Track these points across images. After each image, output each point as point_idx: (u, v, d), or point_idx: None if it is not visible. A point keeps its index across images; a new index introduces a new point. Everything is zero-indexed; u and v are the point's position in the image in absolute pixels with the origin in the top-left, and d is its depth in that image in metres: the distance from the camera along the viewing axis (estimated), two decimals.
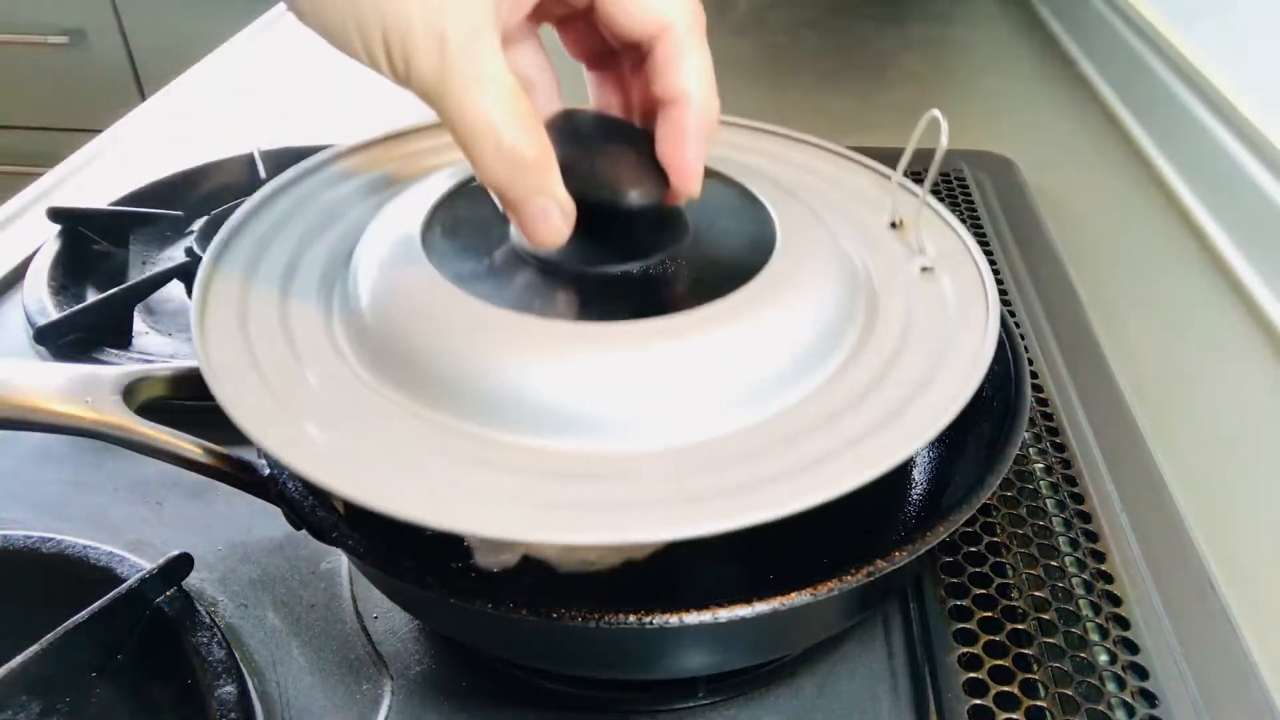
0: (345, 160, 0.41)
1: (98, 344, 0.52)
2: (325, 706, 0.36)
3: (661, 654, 0.32)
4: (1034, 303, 0.56)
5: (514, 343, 0.29)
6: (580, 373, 0.29)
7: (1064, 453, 0.45)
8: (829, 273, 0.33)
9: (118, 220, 0.62)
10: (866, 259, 0.36)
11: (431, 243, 0.33)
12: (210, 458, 0.36)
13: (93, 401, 0.36)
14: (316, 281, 0.35)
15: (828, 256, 0.34)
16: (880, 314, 0.34)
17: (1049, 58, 0.94)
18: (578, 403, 0.29)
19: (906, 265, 0.36)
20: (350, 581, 0.40)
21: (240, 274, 0.35)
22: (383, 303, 0.32)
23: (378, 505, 0.26)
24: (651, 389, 0.29)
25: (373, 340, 0.32)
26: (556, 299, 0.32)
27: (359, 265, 0.34)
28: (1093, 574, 0.39)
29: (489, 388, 0.29)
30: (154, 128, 0.82)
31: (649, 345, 0.29)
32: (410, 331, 0.31)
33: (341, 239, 0.37)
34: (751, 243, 0.33)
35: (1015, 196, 0.67)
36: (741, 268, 0.32)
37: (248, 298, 0.34)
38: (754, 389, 0.30)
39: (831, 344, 0.32)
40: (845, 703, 0.35)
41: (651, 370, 0.29)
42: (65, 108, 1.58)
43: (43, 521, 0.43)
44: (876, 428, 0.29)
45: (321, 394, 0.30)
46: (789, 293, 0.31)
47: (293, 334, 0.32)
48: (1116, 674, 0.35)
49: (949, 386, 0.30)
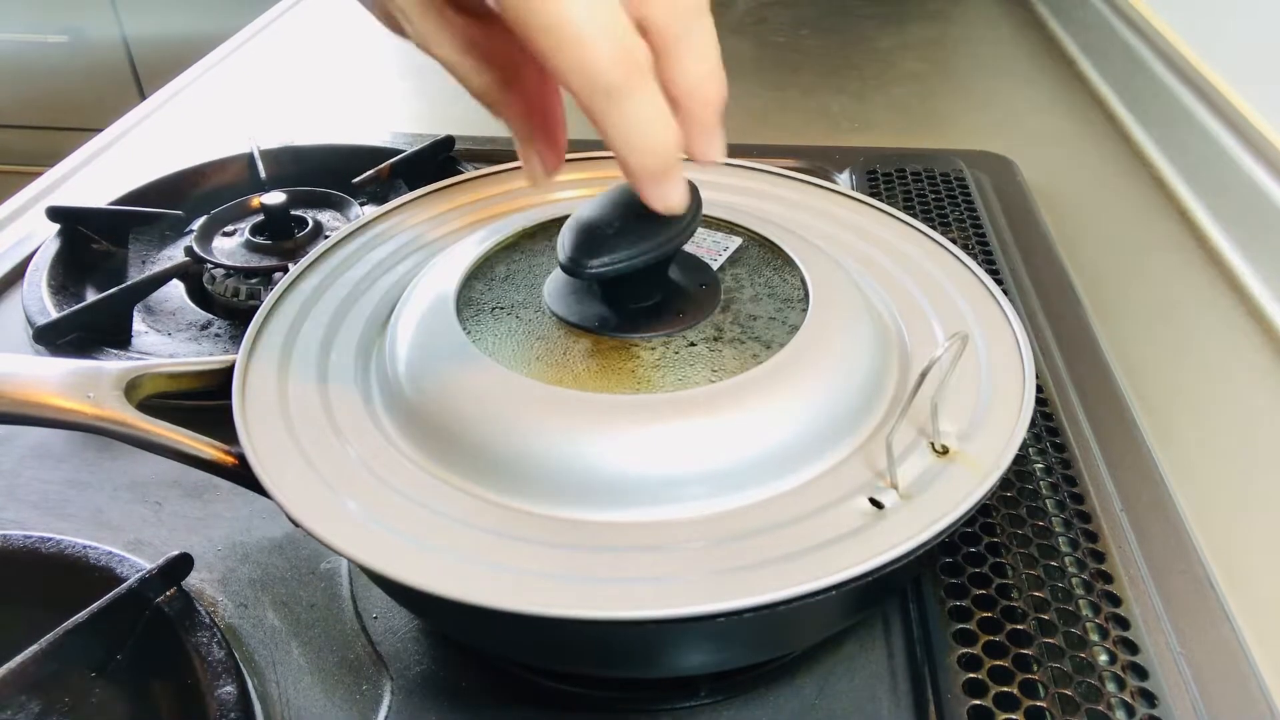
0: (381, 223, 0.42)
1: (97, 343, 0.52)
2: (325, 706, 0.36)
3: (661, 653, 0.32)
4: (1034, 303, 0.56)
5: (552, 419, 0.30)
6: (617, 447, 0.29)
7: (1064, 453, 0.45)
8: (861, 340, 0.33)
9: (117, 219, 0.62)
10: (900, 324, 0.37)
11: (466, 312, 0.34)
12: (211, 454, 0.36)
13: (94, 397, 0.36)
14: (354, 351, 0.36)
15: (860, 322, 0.34)
16: (912, 373, 0.34)
17: (1049, 58, 0.94)
18: (610, 475, 0.29)
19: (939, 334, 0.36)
20: (350, 581, 0.40)
21: (279, 348, 0.36)
22: (418, 377, 0.33)
23: (424, 586, 0.27)
24: (688, 460, 0.29)
25: (410, 413, 0.33)
26: (589, 367, 0.32)
27: (395, 336, 0.34)
28: (1092, 574, 0.39)
29: (528, 463, 0.30)
30: (153, 127, 0.82)
31: (684, 417, 0.30)
32: (446, 407, 0.32)
33: (378, 306, 0.38)
34: (784, 305, 0.34)
35: (1015, 196, 0.67)
36: (774, 333, 0.33)
37: (287, 375, 0.35)
38: (789, 456, 0.30)
39: (865, 409, 0.32)
40: (845, 703, 0.35)
41: (688, 441, 0.30)
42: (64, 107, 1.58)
43: (43, 521, 0.43)
44: (913, 497, 0.29)
45: (361, 470, 0.31)
46: (822, 360, 0.32)
47: (331, 409, 0.34)
48: (1116, 674, 0.35)
49: (988, 446, 0.30)
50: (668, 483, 0.29)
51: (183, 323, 0.56)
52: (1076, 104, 0.84)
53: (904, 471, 0.30)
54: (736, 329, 0.34)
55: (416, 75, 0.36)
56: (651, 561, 0.28)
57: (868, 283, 0.38)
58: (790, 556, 0.28)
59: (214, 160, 0.68)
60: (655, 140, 0.26)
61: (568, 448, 0.29)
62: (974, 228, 0.62)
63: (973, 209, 0.64)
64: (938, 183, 0.67)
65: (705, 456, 0.30)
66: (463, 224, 0.43)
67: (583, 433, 0.29)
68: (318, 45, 0.98)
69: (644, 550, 0.28)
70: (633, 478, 0.29)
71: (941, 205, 0.64)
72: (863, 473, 0.31)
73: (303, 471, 0.31)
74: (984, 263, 0.59)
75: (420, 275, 0.37)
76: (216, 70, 0.93)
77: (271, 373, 0.35)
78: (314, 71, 0.92)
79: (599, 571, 0.28)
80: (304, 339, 0.37)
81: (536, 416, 0.30)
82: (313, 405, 0.34)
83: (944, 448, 0.31)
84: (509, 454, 0.30)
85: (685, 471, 0.29)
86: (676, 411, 0.30)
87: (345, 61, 0.95)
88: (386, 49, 0.96)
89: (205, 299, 0.57)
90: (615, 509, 0.29)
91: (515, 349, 0.33)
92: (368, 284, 0.39)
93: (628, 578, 0.27)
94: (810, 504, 0.30)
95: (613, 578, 0.27)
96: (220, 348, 0.54)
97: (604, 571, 0.28)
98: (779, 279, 0.36)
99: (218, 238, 0.58)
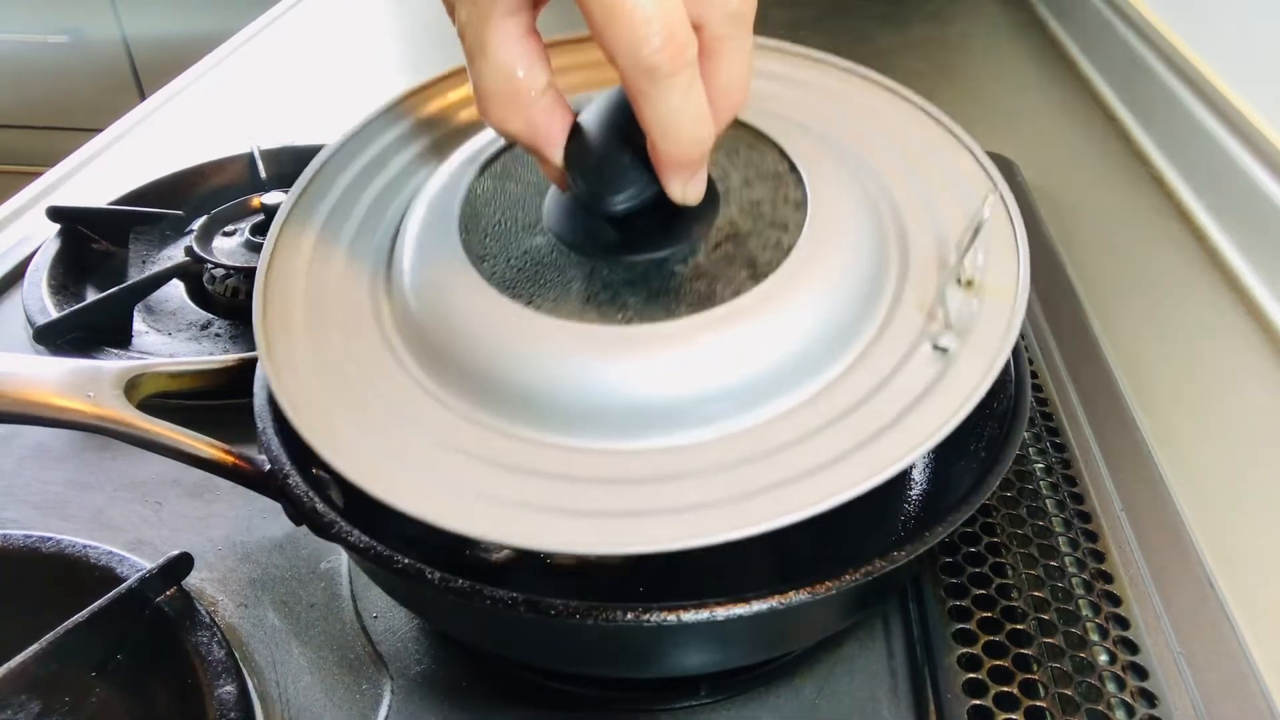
0: (383, 121, 0.40)
1: (97, 343, 0.52)
2: (325, 706, 0.36)
3: (660, 652, 0.32)
4: (1034, 303, 0.56)
5: (555, 349, 0.29)
6: (621, 376, 0.29)
7: (1064, 453, 0.45)
8: (845, 283, 0.32)
9: (117, 219, 0.62)
10: (905, 222, 0.35)
11: (470, 234, 0.33)
12: (211, 453, 0.36)
13: (94, 396, 0.36)
14: (370, 261, 0.35)
15: (858, 232, 0.33)
16: (911, 280, 0.33)
17: (1049, 58, 0.94)
18: (617, 405, 0.29)
19: None
20: (350, 581, 0.40)
21: (302, 251, 0.35)
22: (425, 302, 0.32)
23: (446, 524, 0.27)
24: (692, 386, 0.29)
25: (417, 334, 0.32)
26: (589, 293, 0.31)
27: (402, 257, 0.34)
28: (1092, 574, 0.39)
29: (530, 392, 0.29)
30: (153, 127, 0.82)
31: (688, 343, 0.29)
32: (451, 334, 0.31)
33: (394, 213, 0.37)
34: (784, 215, 0.33)
35: (1015, 197, 0.67)
36: (771, 249, 0.32)
37: (309, 278, 0.34)
38: (791, 374, 0.30)
39: (879, 287, 0.32)
40: (845, 703, 0.35)
41: (692, 368, 0.29)
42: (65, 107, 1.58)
43: (43, 521, 0.43)
44: (916, 402, 0.29)
45: (364, 385, 0.31)
46: (819, 276, 0.31)
47: (345, 322, 0.33)
48: (1116, 674, 0.35)
49: (980, 358, 0.30)
50: (675, 409, 0.29)
51: (183, 323, 0.56)
52: (1076, 104, 0.84)
53: (950, 313, 0.31)
54: (745, 226, 0.33)
55: (416, 74, 0.36)
56: (677, 493, 0.27)
57: (847, 149, 0.37)
58: (863, 444, 0.28)
59: (214, 160, 0.68)
60: (691, 130, 0.27)
61: (594, 379, 0.29)
62: None
63: None
64: None
65: (738, 370, 0.29)
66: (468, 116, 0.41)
67: (603, 362, 0.29)
68: (318, 45, 0.98)
69: (668, 480, 0.28)
70: (663, 401, 0.29)
71: None
72: (902, 341, 0.31)
73: (309, 384, 0.31)
74: None
75: (424, 186, 0.36)
76: (216, 70, 0.93)
77: (290, 281, 0.35)
78: (314, 71, 0.92)
79: (619, 504, 0.27)
80: (324, 244, 0.36)
81: (542, 348, 0.29)
82: (326, 310, 0.34)
83: (969, 280, 0.32)
84: (529, 389, 0.29)
85: (689, 398, 0.29)
86: (700, 329, 0.29)
87: (345, 61, 0.95)
88: (387, 49, 0.96)
89: (205, 299, 0.57)
90: (622, 438, 0.29)
91: (516, 272, 0.32)
92: (391, 193, 0.38)
93: (652, 509, 0.27)
94: (868, 381, 0.30)
95: (634, 510, 0.27)
96: (220, 348, 0.54)
97: (624, 504, 0.27)
98: (759, 159, 0.35)
99: (218, 238, 0.58)
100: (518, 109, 0.28)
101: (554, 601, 0.28)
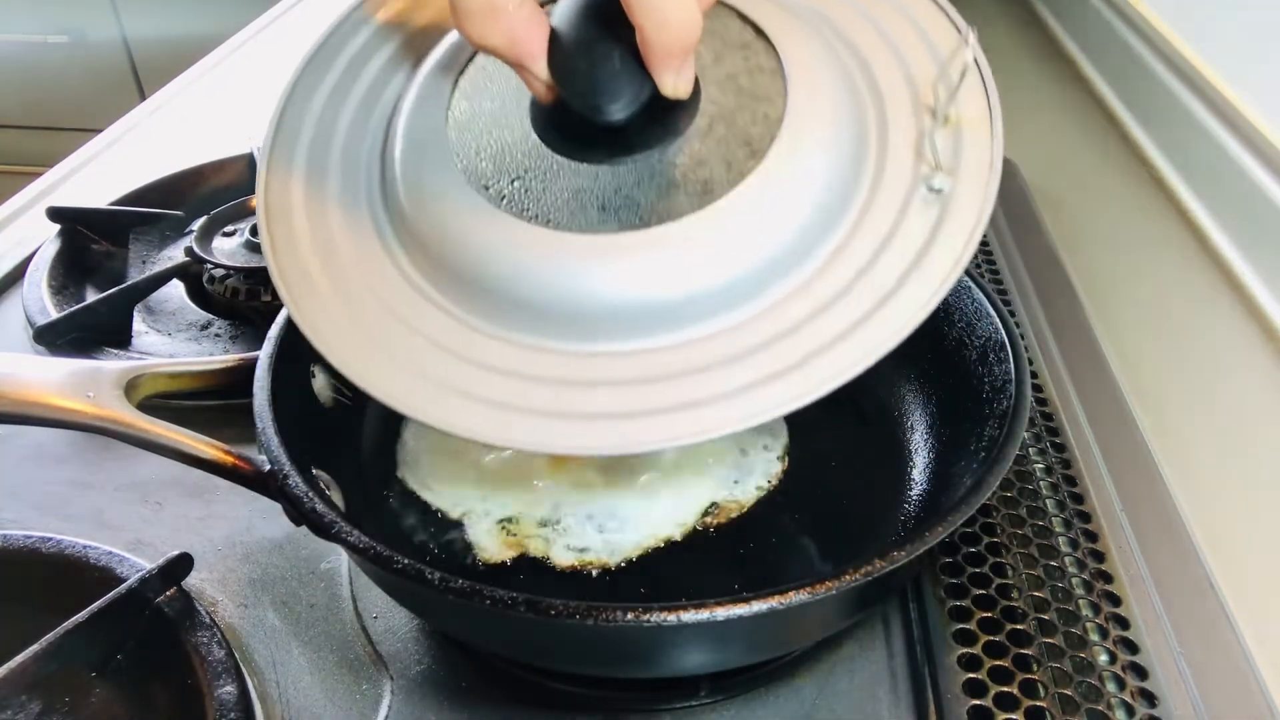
0: None
1: (97, 344, 0.52)
2: (325, 706, 0.36)
3: (660, 652, 0.32)
4: (1034, 303, 0.56)
5: (593, 265, 0.29)
6: (654, 278, 0.29)
7: (1064, 453, 0.45)
8: (827, 169, 0.32)
9: (117, 220, 0.62)
10: (874, 72, 0.35)
11: (458, 135, 0.33)
12: (211, 453, 0.36)
13: (94, 396, 0.36)
14: (363, 178, 0.35)
15: (838, 89, 0.33)
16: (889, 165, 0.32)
17: (1049, 57, 0.94)
18: (654, 306, 0.29)
19: None
20: (350, 581, 0.40)
21: (293, 162, 0.35)
22: (415, 205, 0.32)
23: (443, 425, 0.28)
24: (715, 276, 0.29)
25: (408, 230, 0.32)
26: (603, 201, 0.31)
27: (394, 168, 0.34)
28: (1093, 574, 0.39)
29: (517, 299, 0.30)
30: (154, 128, 0.82)
31: (710, 233, 0.29)
32: (442, 239, 0.31)
33: (382, 112, 0.37)
34: (762, 107, 0.32)
35: (1015, 198, 0.67)
36: (761, 122, 0.31)
37: (306, 195, 0.34)
38: (805, 243, 0.30)
39: (861, 171, 0.32)
40: (845, 703, 0.35)
41: (715, 258, 0.29)
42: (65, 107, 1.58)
43: (43, 521, 0.43)
44: (897, 287, 0.29)
45: (365, 291, 0.31)
46: (815, 141, 0.31)
47: (332, 223, 0.33)
48: (1116, 674, 0.35)
49: (973, 192, 0.31)
50: (720, 290, 0.29)
51: (183, 323, 0.56)
52: (1076, 104, 0.84)
53: (939, 152, 0.31)
54: (730, 104, 0.32)
55: None
56: (704, 378, 0.28)
57: (802, 4, 0.36)
58: (891, 293, 0.28)
59: (214, 160, 0.68)
60: (682, 15, 0.27)
61: (632, 287, 0.29)
62: None
63: None
64: None
65: (756, 251, 0.29)
66: None
67: (637, 267, 0.29)
68: None
69: (666, 379, 0.28)
70: (688, 295, 0.29)
71: None
72: (899, 189, 0.31)
73: (315, 290, 0.32)
74: (984, 262, 0.59)
75: (403, 104, 0.36)
76: (216, 71, 0.93)
77: (288, 189, 0.35)
78: None
79: (601, 405, 0.28)
80: (315, 152, 0.36)
81: (589, 268, 0.30)
82: (327, 222, 0.34)
83: (946, 117, 0.32)
84: (568, 306, 0.30)
85: (737, 274, 0.29)
86: (716, 219, 0.30)
87: None
88: None
89: (205, 299, 0.57)
90: (601, 340, 0.29)
91: (504, 177, 0.32)
92: (380, 87, 0.37)
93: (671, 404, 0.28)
94: (875, 235, 0.30)
95: (612, 411, 0.28)
96: (220, 348, 0.54)
97: (605, 405, 0.28)
98: (724, 29, 0.34)
99: (218, 238, 0.58)
100: (497, 22, 0.28)
101: (554, 601, 0.28)
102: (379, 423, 0.44)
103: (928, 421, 0.42)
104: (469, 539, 0.39)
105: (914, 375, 0.44)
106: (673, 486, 0.40)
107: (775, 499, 0.40)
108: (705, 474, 0.41)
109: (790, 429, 0.43)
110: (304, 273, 0.32)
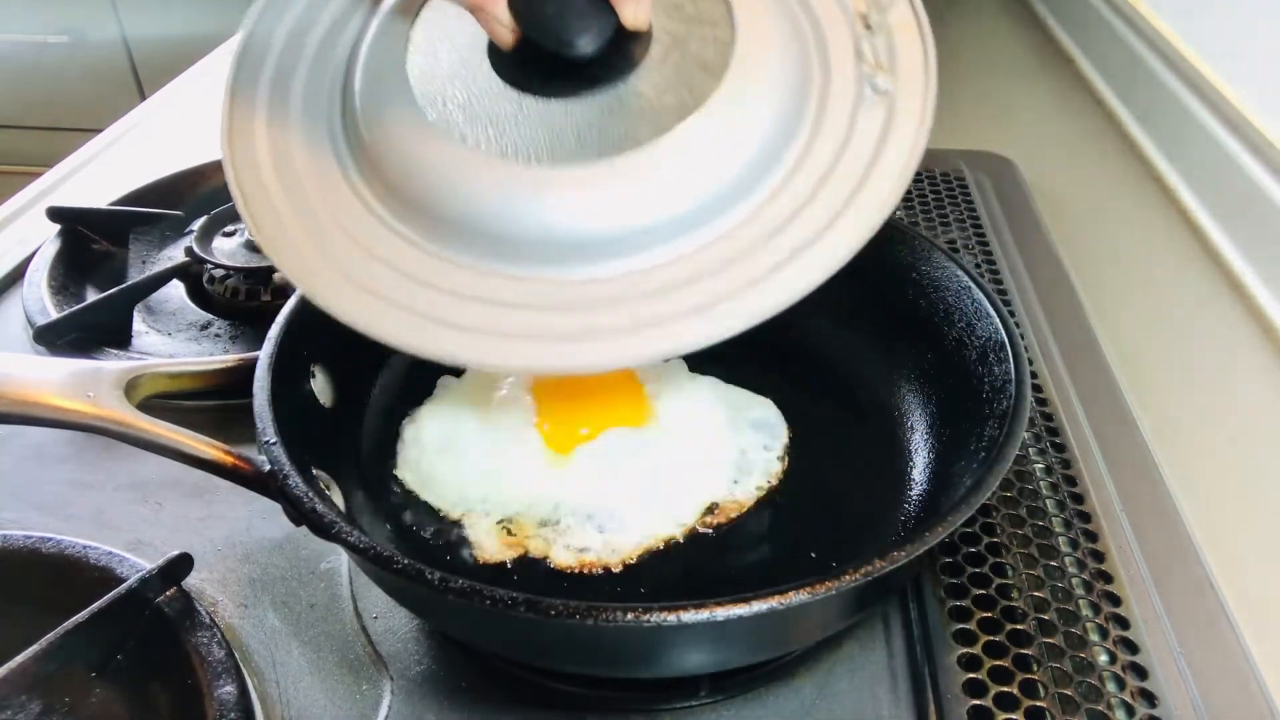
0: None
1: (97, 344, 0.52)
2: (325, 706, 0.36)
3: (660, 652, 0.32)
4: (1034, 303, 0.56)
5: (571, 199, 0.30)
6: (644, 200, 0.30)
7: (1064, 453, 0.45)
8: (783, 82, 0.33)
9: (117, 220, 0.62)
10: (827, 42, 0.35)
11: (419, 72, 0.33)
12: (211, 453, 0.36)
13: (94, 396, 0.36)
14: (326, 92, 0.36)
15: (783, 41, 0.34)
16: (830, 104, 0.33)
17: (1049, 57, 0.94)
18: (634, 228, 0.30)
19: None
20: (350, 581, 0.40)
21: (257, 101, 0.37)
22: (378, 140, 0.33)
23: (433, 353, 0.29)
24: (696, 191, 0.30)
25: (369, 159, 0.33)
26: (579, 134, 0.32)
27: (356, 94, 0.34)
28: (1093, 574, 0.39)
29: (549, 244, 0.31)
30: (154, 128, 0.82)
31: (691, 150, 0.30)
32: (406, 170, 0.32)
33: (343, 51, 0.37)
34: (710, 30, 0.33)
35: (1015, 197, 0.67)
36: (712, 45, 0.32)
37: (269, 131, 0.36)
38: (771, 154, 0.31)
39: (809, 79, 0.33)
40: (845, 703, 0.35)
41: (696, 174, 0.30)
42: (64, 107, 1.57)
43: (43, 521, 0.43)
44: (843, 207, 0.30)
45: (331, 223, 0.32)
46: (755, 86, 0.32)
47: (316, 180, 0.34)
48: (1116, 674, 0.35)
49: (913, 88, 0.32)
50: (699, 206, 0.30)
51: (183, 323, 0.56)
52: (1076, 104, 0.84)
53: (878, 52, 0.32)
54: (680, 30, 0.33)
55: None
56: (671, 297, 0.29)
57: None
58: (853, 195, 0.30)
59: (214, 160, 0.68)
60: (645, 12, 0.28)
61: (612, 214, 0.30)
62: (974, 228, 0.62)
63: (973, 209, 0.64)
64: (938, 183, 0.67)
65: (731, 164, 0.31)
66: None
67: (621, 193, 0.30)
68: None
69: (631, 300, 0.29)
70: (668, 214, 0.30)
71: (941, 205, 0.64)
72: (847, 95, 0.32)
73: (274, 208, 0.33)
74: (984, 262, 0.59)
75: (363, 48, 0.36)
76: (217, 71, 0.93)
77: (251, 116, 0.36)
78: None
79: (569, 326, 0.29)
80: (279, 89, 0.37)
81: (565, 202, 0.30)
82: (294, 157, 0.34)
83: (868, 25, 0.34)
84: (548, 243, 0.30)
85: (718, 187, 0.30)
86: (691, 137, 0.30)
87: None
88: None
89: (205, 299, 0.57)
90: (565, 266, 0.30)
91: (463, 110, 0.33)
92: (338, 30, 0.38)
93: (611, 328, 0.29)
94: (833, 140, 0.31)
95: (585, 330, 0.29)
96: (220, 348, 0.54)
97: (574, 326, 0.29)
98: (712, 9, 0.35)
99: (218, 238, 0.58)
100: None
101: (554, 601, 0.28)
102: (379, 422, 0.44)
103: (928, 421, 0.42)
104: (469, 539, 0.39)
105: (914, 375, 0.44)
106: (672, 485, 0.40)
107: (775, 499, 0.40)
108: (705, 473, 0.41)
109: (790, 429, 0.43)
110: (263, 188, 0.33)
